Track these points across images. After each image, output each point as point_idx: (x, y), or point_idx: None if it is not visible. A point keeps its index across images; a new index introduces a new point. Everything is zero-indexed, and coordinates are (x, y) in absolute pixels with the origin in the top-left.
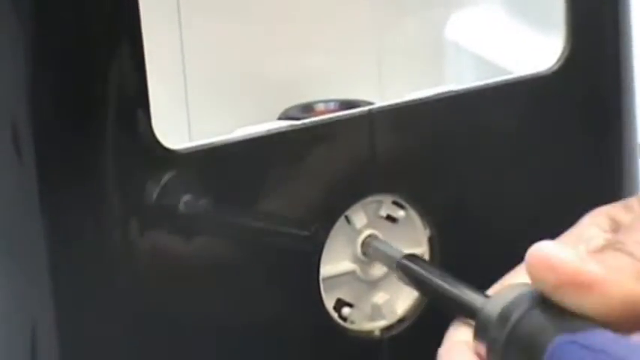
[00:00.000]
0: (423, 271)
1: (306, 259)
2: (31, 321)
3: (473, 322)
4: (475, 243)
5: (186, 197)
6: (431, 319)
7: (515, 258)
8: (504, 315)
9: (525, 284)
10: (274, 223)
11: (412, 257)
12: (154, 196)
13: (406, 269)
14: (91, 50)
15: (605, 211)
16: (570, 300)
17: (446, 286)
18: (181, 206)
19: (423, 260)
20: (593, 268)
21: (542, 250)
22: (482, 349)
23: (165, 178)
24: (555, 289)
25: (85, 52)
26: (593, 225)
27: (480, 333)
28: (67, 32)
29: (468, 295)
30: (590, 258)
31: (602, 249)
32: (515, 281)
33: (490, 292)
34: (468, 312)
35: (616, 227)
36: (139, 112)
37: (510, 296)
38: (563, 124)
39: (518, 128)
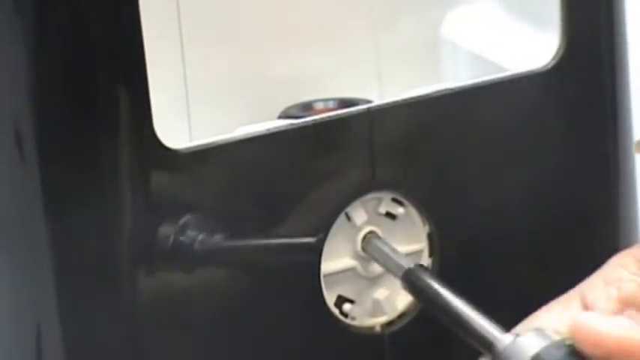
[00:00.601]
0: (435, 290)
1: (307, 256)
2: (35, 322)
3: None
4: (474, 239)
5: (187, 196)
6: (431, 315)
7: (512, 254)
8: None
9: (546, 335)
10: (277, 220)
11: (419, 270)
12: (156, 195)
13: (414, 283)
14: (91, 51)
15: (631, 253)
16: None
17: (463, 314)
18: (183, 205)
19: (431, 275)
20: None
21: (587, 324)
22: None
23: (167, 177)
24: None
25: (86, 53)
26: (620, 267)
27: None
28: (68, 33)
29: (487, 328)
30: (635, 325)
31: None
32: (540, 323)
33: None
34: (485, 346)
35: None
36: (140, 112)
37: (540, 343)
38: (559, 121)
39: (515, 125)
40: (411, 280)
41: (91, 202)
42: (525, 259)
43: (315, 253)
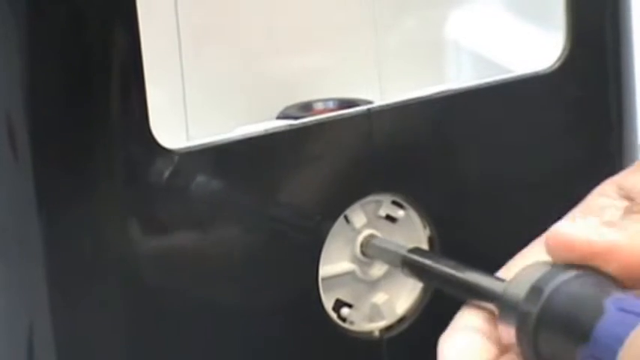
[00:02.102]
0: (432, 262)
1: (305, 259)
2: (28, 323)
3: (489, 307)
4: (475, 242)
5: (184, 197)
6: (431, 319)
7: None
8: (535, 291)
9: (545, 263)
10: (274, 222)
11: (418, 250)
12: (153, 195)
13: (414, 263)
14: (87, 50)
15: (612, 180)
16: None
17: (460, 274)
18: (180, 206)
19: (429, 252)
20: (609, 237)
21: (558, 231)
22: (509, 331)
23: (164, 177)
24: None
25: (81, 52)
26: (603, 195)
27: (504, 315)
28: (64, 32)
29: (485, 280)
30: (605, 227)
31: (622, 216)
32: (528, 262)
33: (502, 275)
34: (486, 297)
35: (625, 194)
36: (136, 111)
37: (537, 274)
38: (564, 123)
39: (518, 127)
40: (410, 261)
41: (85, 202)
42: None
43: (313, 256)
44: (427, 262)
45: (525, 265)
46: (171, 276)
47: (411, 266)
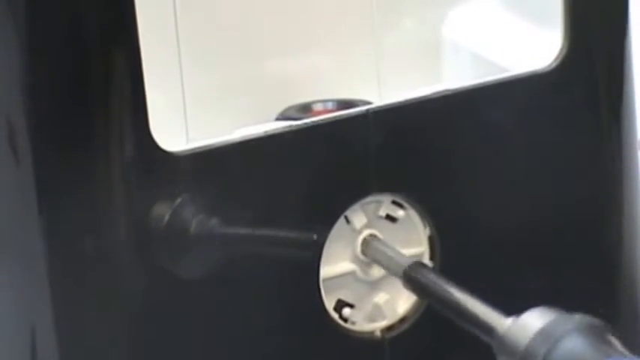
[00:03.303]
0: (433, 284)
1: (306, 260)
2: (30, 324)
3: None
4: (475, 242)
5: (184, 199)
6: (432, 319)
7: (514, 257)
8: (543, 335)
9: (549, 310)
10: (274, 223)
11: (419, 266)
12: (152, 198)
13: (414, 279)
14: (87, 53)
15: None
16: None
17: (462, 302)
18: (179, 209)
19: (430, 269)
20: None
21: None
22: None
23: (164, 180)
24: None
25: (81, 55)
26: None
27: (503, 354)
28: (63, 35)
29: (487, 314)
30: None
31: None
32: None
33: None
34: (486, 331)
35: None
36: (136, 114)
37: (541, 320)
38: (562, 122)
39: (517, 127)
40: (411, 277)
41: (86, 204)
42: (527, 262)
43: (313, 256)
44: (429, 281)
45: (530, 310)
46: (172, 278)
47: (411, 282)
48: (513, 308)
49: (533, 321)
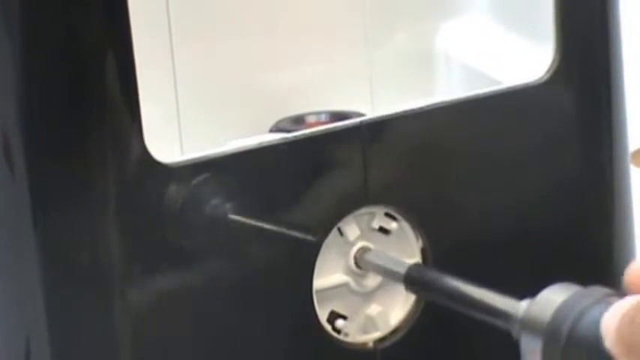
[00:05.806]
0: (438, 280)
1: (299, 271)
2: (24, 335)
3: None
4: (468, 253)
5: (178, 210)
6: (424, 330)
7: (507, 267)
8: (563, 310)
9: (568, 285)
10: (268, 235)
11: (420, 267)
12: (147, 209)
13: (418, 280)
14: (82, 65)
15: None
16: None
17: (471, 293)
18: (174, 219)
19: (431, 268)
20: None
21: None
22: (531, 350)
23: (158, 191)
24: None
25: (76, 68)
26: None
27: (525, 334)
28: (58, 48)
29: (499, 300)
30: None
31: None
32: None
33: None
34: (502, 316)
35: None
36: (131, 126)
37: (561, 297)
38: (554, 134)
39: (509, 138)
40: (413, 278)
41: (80, 215)
42: (521, 272)
43: (307, 268)
44: (433, 279)
45: (548, 287)
46: (168, 288)
47: (414, 283)
48: None
49: (555, 296)
